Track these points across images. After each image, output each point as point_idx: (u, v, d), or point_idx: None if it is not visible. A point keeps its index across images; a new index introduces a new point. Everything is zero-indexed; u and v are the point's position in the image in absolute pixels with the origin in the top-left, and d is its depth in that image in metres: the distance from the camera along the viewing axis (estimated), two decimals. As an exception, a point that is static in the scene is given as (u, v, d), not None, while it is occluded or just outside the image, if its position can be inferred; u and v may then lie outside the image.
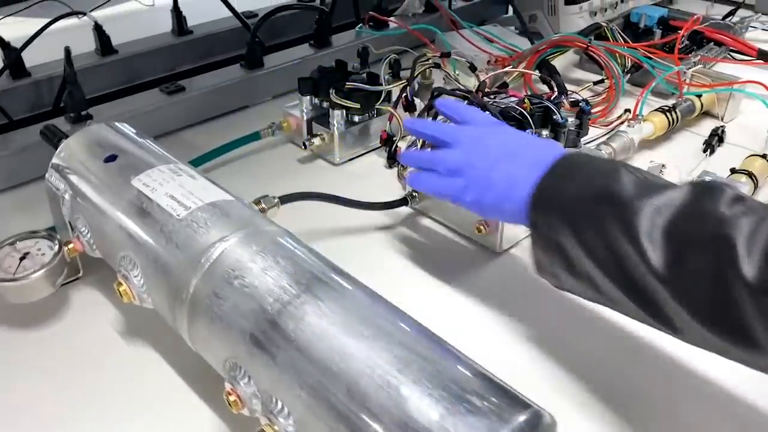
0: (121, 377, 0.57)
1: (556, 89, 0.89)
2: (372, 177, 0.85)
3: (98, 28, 0.98)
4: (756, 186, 0.78)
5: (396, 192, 0.81)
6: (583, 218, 0.49)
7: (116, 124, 0.67)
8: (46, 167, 0.63)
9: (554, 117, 0.76)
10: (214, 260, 0.49)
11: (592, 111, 0.90)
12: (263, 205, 0.65)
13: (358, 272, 0.49)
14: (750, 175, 0.78)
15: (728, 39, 1.11)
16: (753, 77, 0.97)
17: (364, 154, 0.89)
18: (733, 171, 0.79)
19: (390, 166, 0.86)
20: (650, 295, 0.45)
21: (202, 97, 0.95)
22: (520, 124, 0.75)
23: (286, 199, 0.67)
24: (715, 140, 0.90)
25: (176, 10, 1.05)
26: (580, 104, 0.79)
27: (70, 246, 0.60)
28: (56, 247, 0.60)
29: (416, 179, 0.63)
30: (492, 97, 0.79)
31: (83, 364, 0.58)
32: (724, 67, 1.06)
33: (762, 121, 0.94)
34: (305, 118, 0.88)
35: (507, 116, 0.73)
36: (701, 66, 1.01)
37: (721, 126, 0.92)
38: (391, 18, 1.17)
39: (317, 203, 0.71)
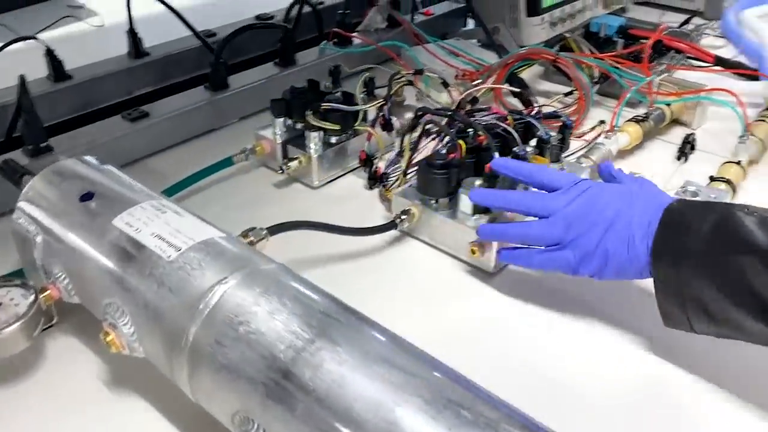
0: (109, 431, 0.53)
1: (532, 104, 0.89)
2: (352, 199, 0.83)
3: (50, 53, 0.92)
4: (734, 192, 0.79)
5: (378, 213, 0.79)
6: (721, 270, 0.51)
7: (86, 157, 0.63)
8: (3, 204, 0.58)
9: (538, 133, 0.75)
10: (213, 305, 0.46)
11: (558, 121, 0.90)
12: (252, 238, 0.61)
13: (351, 301, 0.47)
14: (728, 182, 0.79)
15: (687, 47, 1.14)
16: (711, 83, 0.99)
17: (342, 175, 0.87)
18: (712, 179, 0.80)
19: (371, 187, 0.83)
20: None
21: (167, 122, 0.91)
22: (505, 140, 0.74)
23: (275, 230, 0.63)
24: (687, 147, 0.91)
25: (131, 32, 1.01)
26: (563, 119, 0.78)
27: (47, 293, 0.55)
28: (31, 296, 0.55)
29: (515, 256, 0.64)
30: (474, 114, 0.78)
31: (65, 419, 0.54)
32: (685, 75, 1.08)
33: (728, 127, 0.95)
34: (279, 141, 0.85)
35: (492, 133, 0.72)
36: (667, 74, 1.03)
37: (692, 133, 0.94)
38: (355, 34, 1.15)
39: (301, 230, 0.68)
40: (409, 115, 0.94)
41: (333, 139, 0.85)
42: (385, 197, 0.80)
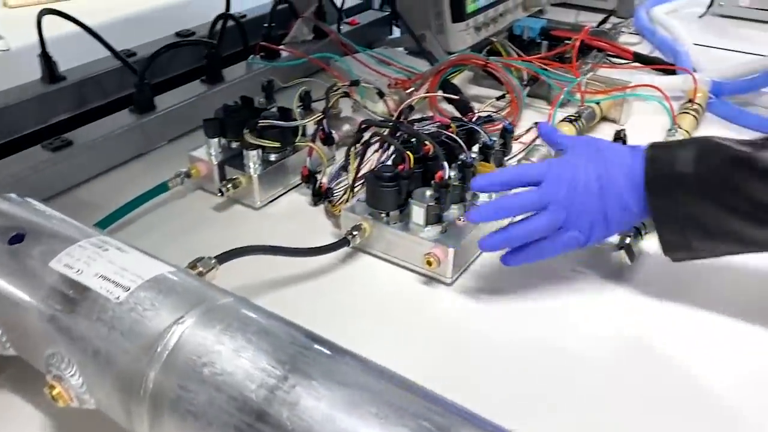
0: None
1: (471, 110, 0.89)
2: (297, 217, 0.80)
3: (-45, 82, 0.85)
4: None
5: (325, 230, 0.77)
6: (714, 185, 0.56)
7: (11, 195, 0.58)
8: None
9: (482, 139, 0.75)
10: (173, 347, 0.43)
11: (497, 125, 0.91)
12: (201, 269, 0.58)
13: (313, 326, 0.45)
14: (663, 175, 0.81)
15: (607, 45, 1.17)
16: (632, 79, 1.02)
17: (285, 193, 0.84)
18: (648, 173, 0.82)
19: (315, 203, 0.81)
20: None
21: (93, 149, 0.86)
22: (449, 148, 0.73)
23: (224, 258, 0.60)
24: (619, 143, 0.94)
25: (44, 55, 0.94)
26: (503, 123, 0.79)
27: (-23, 349, 0.50)
28: (-40, 355, 0.50)
29: (525, 256, 0.64)
30: (416, 123, 0.77)
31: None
32: (607, 72, 1.11)
33: (654, 121, 0.99)
34: (215, 162, 0.81)
35: (436, 141, 0.72)
36: (592, 73, 1.06)
37: (621, 129, 0.96)
38: (282, 46, 1.13)
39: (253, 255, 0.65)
40: (347, 127, 0.93)
41: (272, 157, 0.82)
42: (331, 213, 0.79)
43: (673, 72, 1.12)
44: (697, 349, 0.62)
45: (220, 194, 0.78)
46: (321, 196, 0.80)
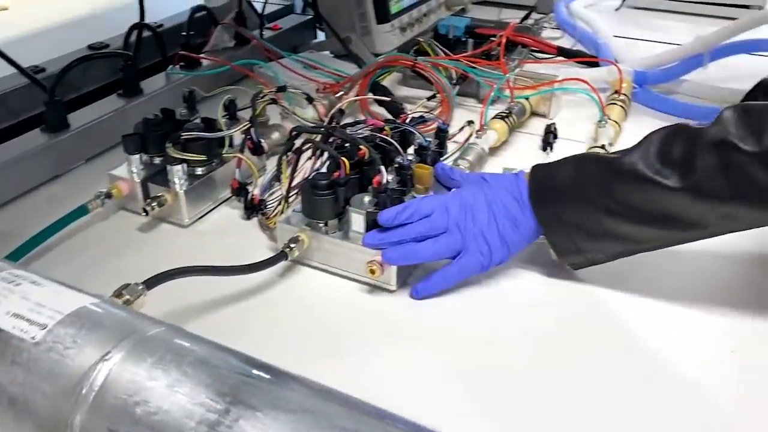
0: None
1: (403, 111, 0.87)
2: (230, 232, 0.77)
3: None
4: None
5: (261, 244, 0.74)
6: (588, 191, 0.61)
7: None
8: None
9: (417, 140, 0.74)
10: (100, 387, 0.39)
11: (430, 125, 0.90)
12: (127, 297, 0.54)
13: (254, 349, 0.42)
14: (597, 166, 0.82)
15: (532, 41, 1.18)
16: (557, 73, 1.03)
17: (214, 208, 0.80)
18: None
19: (248, 216, 0.78)
20: (676, 212, 0.58)
21: (2, 173, 0.79)
22: (386, 151, 0.71)
23: (152, 282, 0.56)
24: (550, 137, 0.94)
25: (-60, 74, 0.87)
26: (438, 123, 0.78)
27: None
28: None
29: (433, 285, 0.65)
30: (348, 128, 0.75)
31: None
32: (533, 68, 1.12)
33: (582, 113, 1.01)
34: (138, 180, 0.77)
35: (371, 145, 0.69)
36: (519, 69, 1.06)
37: (552, 123, 0.97)
38: (202, 55, 1.08)
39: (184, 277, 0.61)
40: (277, 135, 0.90)
41: (199, 171, 0.78)
42: (266, 226, 0.75)
43: (596, 64, 1.13)
44: (632, 331, 0.63)
45: (144, 214, 0.74)
46: (254, 208, 0.77)
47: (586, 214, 0.62)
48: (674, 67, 1.10)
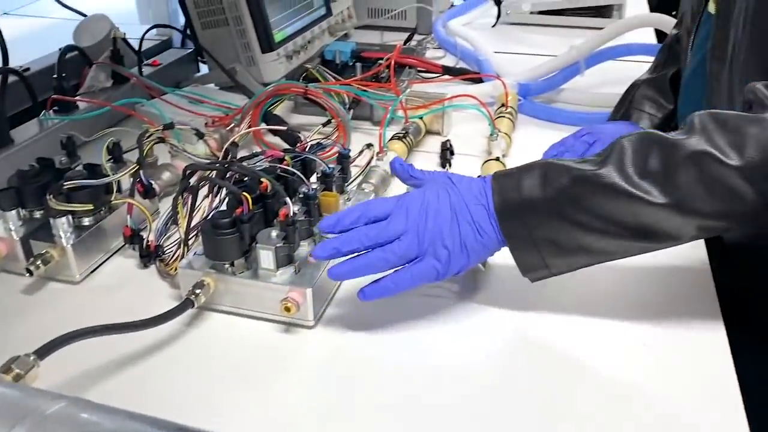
0: None
1: (300, 140, 0.85)
2: (127, 284, 0.71)
3: None
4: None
5: (162, 293, 0.69)
6: (560, 204, 0.58)
7: None
8: None
9: (320, 167, 0.72)
10: (-6, 482, 0.34)
11: (329, 152, 0.88)
12: (18, 371, 0.48)
13: (167, 409, 0.39)
14: (496, 179, 0.83)
15: (417, 61, 1.20)
16: (445, 91, 1.05)
17: (107, 259, 0.74)
18: (481, 179, 0.84)
19: (145, 265, 0.73)
20: (655, 226, 0.56)
21: None
22: (288, 182, 0.69)
23: (44, 351, 0.51)
24: (447, 154, 0.96)
25: None
26: (338, 149, 0.76)
27: None
28: None
29: (381, 289, 0.61)
30: (248, 160, 0.72)
31: None
32: (422, 87, 1.13)
33: (473, 128, 1.03)
34: (17, 237, 0.70)
35: (274, 176, 0.67)
36: (410, 89, 1.08)
37: (447, 140, 0.98)
38: (78, 97, 1.01)
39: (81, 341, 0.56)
40: (168, 175, 0.85)
41: (86, 221, 0.72)
42: (166, 273, 0.70)
43: (480, 80, 1.17)
44: (560, 338, 0.63)
45: (28, 274, 0.67)
46: (150, 256, 0.72)
47: (558, 230, 0.58)
48: (554, 77, 1.15)
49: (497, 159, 0.89)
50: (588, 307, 0.67)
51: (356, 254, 0.61)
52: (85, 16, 1.26)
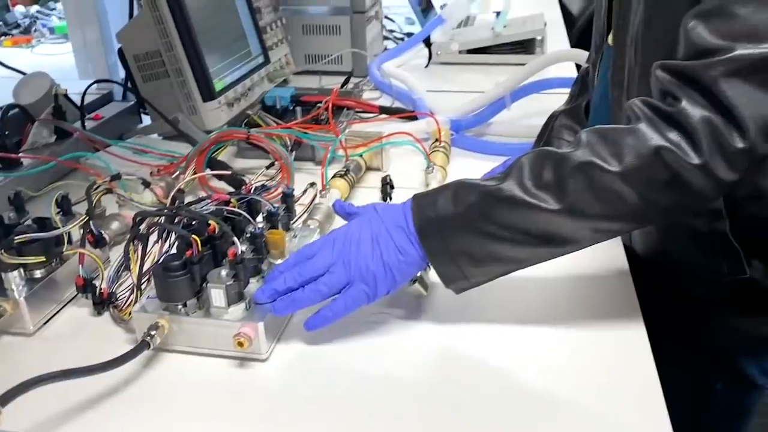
0: None
1: (245, 183, 0.89)
2: (82, 333, 0.73)
3: None
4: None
5: (118, 338, 0.72)
6: (471, 219, 0.64)
7: None
8: None
9: (266, 207, 0.76)
10: None
11: (274, 192, 0.92)
12: (-21, 420, 0.50)
13: None
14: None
15: (355, 103, 1.27)
16: (383, 129, 1.11)
17: (60, 309, 0.76)
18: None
19: (99, 312, 0.74)
20: (554, 231, 0.63)
21: None
22: (236, 223, 0.73)
23: (6, 398, 0.53)
24: (388, 188, 1.01)
25: None
26: (283, 189, 0.80)
27: None
28: None
29: (323, 319, 0.67)
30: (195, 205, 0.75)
31: None
32: (361, 127, 1.19)
33: (411, 162, 1.09)
34: (-32, 293, 0.71)
35: (221, 218, 0.70)
36: (349, 129, 1.13)
37: (387, 175, 1.04)
38: (22, 154, 1.03)
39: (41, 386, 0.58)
40: (117, 224, 0.88)
41: (38, 274, 0.74)
42: (120, 318, 0.73)
43: (415, 118, 1.23)
44: (497, 352, 0.68)
45: (-19, 329, 0.68)
46: (104, 303, 0.74)
47: (471, 242, 0.64)
48: (483, 112, 1.23)
49: (434, 190, 0.94)
50: (519, 318, 0.72)
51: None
52: (24, 74, 1.28)
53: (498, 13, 1.68)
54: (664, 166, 0.60)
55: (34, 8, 2.16)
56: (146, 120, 1.31)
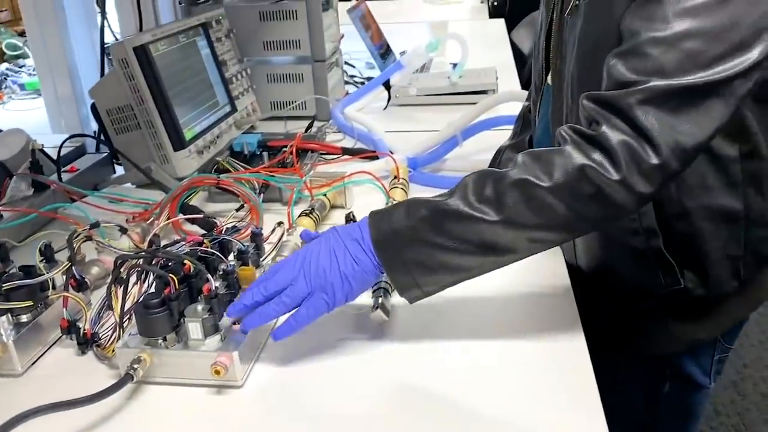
0: None
1: (216, 224, 0.96)
2: (68, 371, 0.78)
3: None
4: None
5: (102, 374, 0.77)
6: (421, 230, 0.71)
7: None
8: None
9: (236, 246, 0.83)
10: None
11: (244, 232, 0.99)
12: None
13: None
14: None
15: (319, 146, 1.34)
16: (347, 169, 1.18)
17: (46, 351, 0.81)
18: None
19: (83, 351, 0.80)
20: (495, 241, 0.70)
21: None
22: (209, 262, 0.79)
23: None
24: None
25: None
26: (251, 229, 0.87)
27: None
28: None
29: (287, 329, 0.73)
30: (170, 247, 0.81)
31: None
32: (325, 168, 1.27)
33: (373, 199, 1.16)
34: (-41, 339, 0.76)
35: (196, 258, 0.77)
36: (313, 171, 1.20)
37: (350, 212, 1.11)
38: (2, 207, 1.08)
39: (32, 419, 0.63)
40: (97, 269, 0.93)
41: (24, 318, 0.79)
42: (104, 356, 0.78)
43: (376, 157, 1.32)
44: (449, 367, 0.75)
45: (-28, 371, 0.73)
46: (87, 342, 0.79)
47: (422, 252, 0.71)
48: (437, 149, 1.31)
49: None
50: (470, 334, 0.79)
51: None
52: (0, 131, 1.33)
53: (455, 65, 1.79)
54: (588, 181, 0.68)
55: (4, 66, 2.22)
56: (119, 170, 1.37)
